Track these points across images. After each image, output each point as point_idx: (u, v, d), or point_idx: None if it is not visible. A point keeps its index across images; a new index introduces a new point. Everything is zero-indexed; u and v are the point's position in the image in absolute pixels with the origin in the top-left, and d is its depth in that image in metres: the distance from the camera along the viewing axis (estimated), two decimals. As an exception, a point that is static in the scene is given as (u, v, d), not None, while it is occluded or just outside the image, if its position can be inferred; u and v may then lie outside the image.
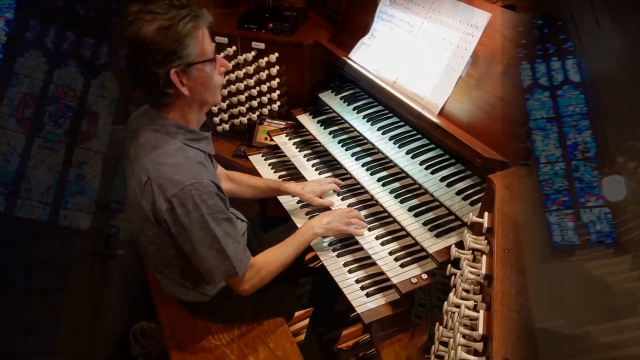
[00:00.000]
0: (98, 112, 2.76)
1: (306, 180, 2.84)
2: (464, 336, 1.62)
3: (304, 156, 3.03)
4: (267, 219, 3.11)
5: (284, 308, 2.53)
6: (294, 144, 3.15)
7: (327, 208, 2.66)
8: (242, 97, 3.38)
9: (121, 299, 2.96)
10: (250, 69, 3.26)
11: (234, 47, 3.25)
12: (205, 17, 1.93)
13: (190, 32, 1.86)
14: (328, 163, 2.95)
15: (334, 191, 2.73)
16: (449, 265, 1.91)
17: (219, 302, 2.34)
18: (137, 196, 1.99)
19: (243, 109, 3.41)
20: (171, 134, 2.00)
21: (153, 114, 2.03)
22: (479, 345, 1.56)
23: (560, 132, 2.00)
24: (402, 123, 2.78)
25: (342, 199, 2.69)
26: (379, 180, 2.61)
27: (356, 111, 2.93)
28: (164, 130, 2.00)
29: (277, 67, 3.23)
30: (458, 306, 1.70)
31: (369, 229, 2.49)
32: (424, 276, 2.22)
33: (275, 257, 2.30)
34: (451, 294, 1.77)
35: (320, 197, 2.68)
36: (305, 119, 3.17)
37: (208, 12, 1.95)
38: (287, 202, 2.83)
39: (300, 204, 2.80)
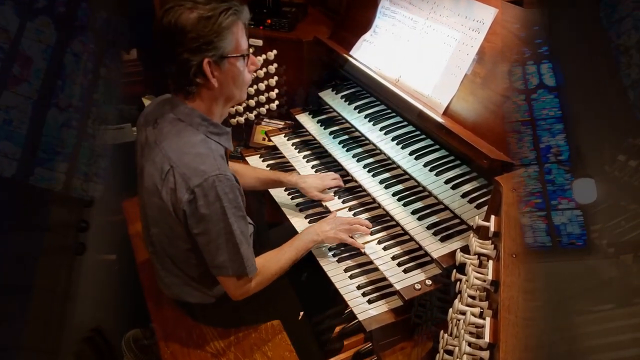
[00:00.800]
0: (32, 57, 2.72)
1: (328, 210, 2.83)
2: (469, 344, 1.61)
3: (304, 157, 3.03)
4: (265, 224, 3.11)
5: (284, 306, 2.54)
6: (292, 144, 3.15)
7: (327, 212, 2.67)
8: (239, 96, 3.38)
9: (114, 300, 2.96)
10: (248, 66, 3.26)
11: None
12: (245, 13, 2.03)
13: (230, 25, 1.96)
14: (328, 164, 2.95)
15: (335, 192, 2.73)
16: (454, 270, 1.91)
17: (220, 304, 2.35)
18: (155, 185, 2.03)
19: (240, 108, 3.41)
20: (195, 124, 2.05)
21: (177, 102, 2.07)
22: (485, 354, 1.55)
23: (534, 135, 2.03)
24: (405, 123, 2.78)
25: (343, 202, 2.69)
26: (381, 182, 2.61)
27: (357, 110, 2.93)
28: (187, 120, 2.05)
29: (275, 65, 3.23)
30: (463, 313, 1.70)
31: (371, 234, 2.48)
32: (428, 282, 2.22)
33: (273, 262, 2.31)
34: (456, 301, 1.77)
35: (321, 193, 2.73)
36: (304, 119, 3.17)
37: (248, 10, 2.04)
38: (285, 203, 2.84)
39: (299, 207, 2.80)
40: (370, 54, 2.90)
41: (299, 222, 2.73)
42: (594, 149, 1.83)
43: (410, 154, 2.59)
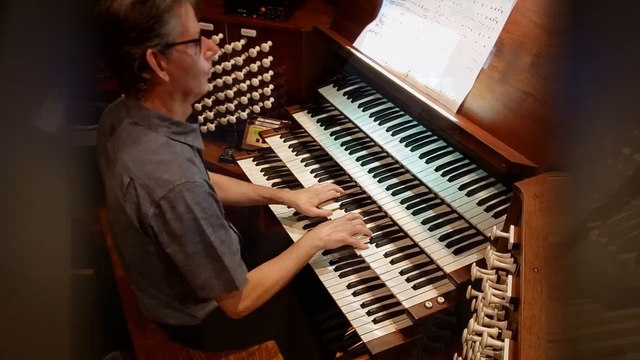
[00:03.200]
0: None
1: (303, 188, 2.86)
2: (486, 369, 1.62)
3: (302, 161, 3.04)
4: (260, 236, 3.11)
5: (279, 324, 2.53)
6: (290, 146, 3.15)
7: (325, 219, 2.68)
8: (230, 93, 3.39)
9: (89, 321, 2.96)
10: (240, 59, 3.27)
11: (221, 35, 3.27)
12: None
13: (171, 7, 1.85)
14: (329, 169, 2.96)
15: (336, 200, 2.74)
16: (469, 286, 1.91)
17: (207, 326, 2.34)
18: (118, 200, 1.99)
19: (231, 106, 3.41)
20: (154, 127, 2.00)
21: (131, 104, 2.02)
22: (504, 380, 1.55)
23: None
24: (415, 122, 2.79)
25: (345, 211, 2.70)
26: (388, 188, 2.61)
27: (362, 109, 2.94)
28: (145, 123, 2.00)
29: (270, 58, 3.24)
30: (480, 334, 1.70)
31: (377, 245, 2.49)
32: (441, 299, 2.22)
33: (273, 273, 2.30)
34: (472, 320, 1.77)
35: (318, 207, 2.71)
36: (303, 118, 3.18)
37: None
38: (281, 212, 2.85)
39: (296, 216, 2.81)
40: (376, 45, 2.91)
41: (295, 230, 2.76)
42: (597, 140, 1.83)
43: (421, 157, 2.59)
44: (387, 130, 2.77)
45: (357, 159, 2.80)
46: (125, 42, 1.83)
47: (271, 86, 3.31)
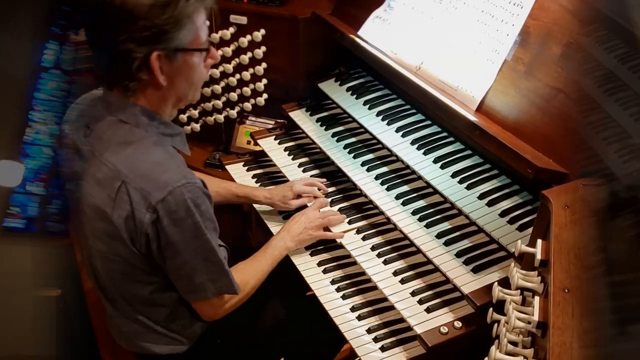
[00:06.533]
0: None
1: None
2: (510, 404, 1.61)
3: (299, 166, 3.04)
4: (250, 249, 3.12)
5: (272, 349, 2.61)
6: (285, 149, 3.16)
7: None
8: (218, 88, 3.39)
9: (55, 349, 2.96)
10: (228, 50, 3.28)
11: (207, 22, 3.26)
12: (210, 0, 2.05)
13: (192, 13, 1.95)
14: (330, 175, 2.96)
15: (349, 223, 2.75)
16: (491, 309, 1.91)
17: (196, 352, 2.37)
18: (101, 208, 2.00)
19: (218, 103, 3.42)
20: (142, 125, 2.03)
21: (114, 100, 2.04)
22: (531, 416, 1.55)
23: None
24: (428, 122, 2.80)
25: (349, 222, 2.70)
26: (397, 197, 2.62)
27: (368, 106, 2.95)
28: (132, 120, 2.02)
29: (263, 48, 3.25)
30: (503, 364, 1.70)
31: (385, 262, 2.49)
32: (458, 324, 2.22)
33: (251, 276, 2.40)
34: (493, 348, 1.77)
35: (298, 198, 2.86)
36: (300, 117, 3.19)
37: None
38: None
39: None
40: (383, 34, 2.91)
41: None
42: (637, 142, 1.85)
43: (435, 161, 2.60)
44: (397, 130, 2.78)
45: (363, 164, 2.81)
46: (130, 39, 1.87)
47: (264, 80, 3.32)
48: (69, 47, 3.20)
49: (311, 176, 2.96)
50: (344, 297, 2.50)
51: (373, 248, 2.56)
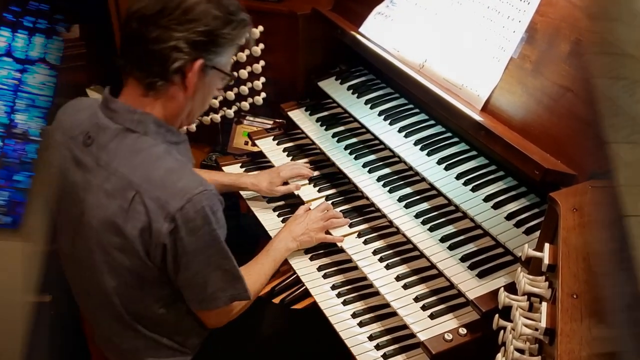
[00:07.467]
0: None
1: (302, 201, 2.89)
2: (517, 414, 1.61)
3: (298, 167, 3.04)
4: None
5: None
6: (284, 150, 3.16)
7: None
8: (214, 87, 3.39)
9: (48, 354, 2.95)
10: (225, 47, 3.27)
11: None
12: (250, 39, 2.22)
13: (236, 41, 2.09)
14: (330, 176, 2.97)
15: (350, 226, 2.75)
16: (496, 315, 1.91)
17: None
18: (112, 221, 1.98)
19: (215, 102, 3.42)
20: (150, 133, 2.03)
21: (119, 107, 2.03)
22: None
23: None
24: (431, 122, 2.80)
25: (350, 226, 2.70)
26: (400, 199, 2.62)
27: (369, 105, 2.95)
28: (140, 128, 2.02)
29: (261, 46, 3.25)
30: (509, 372, 1.70)
31: (387, 267, 2.49)
32: (462, 331, 2.22)
33: (254, 280, 2.40)
34: (499, 356, 1.77)
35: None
36: (299, 116, 3.19)
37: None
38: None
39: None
40: (386, 31, 2.91)
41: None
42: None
43: (439, 162, 2.60)
44: (399, 131, 2.78)
45: (364, 165, 2.81)
46: (185, 39, 1.95)
47: (262, 79, 3.32)
48: (56, 41, 3.19)
49: (311, 177, 2.97)
50: (344, 303, 2.50)
51: (375, 252, 2.57)
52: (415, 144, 2.69)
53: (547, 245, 1.86)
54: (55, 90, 2.60)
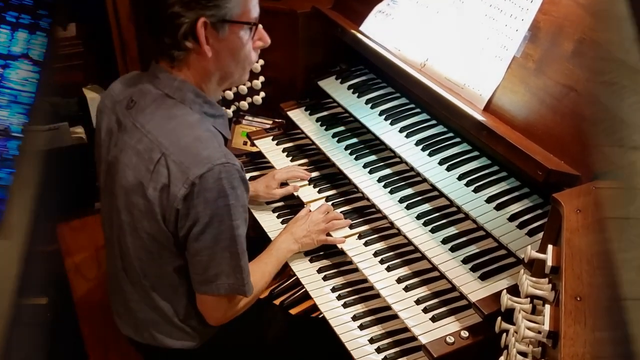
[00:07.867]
0: None
1: (302, 202, 2.89)
2: (520, 418, 1.61)
3: (298, 167, 3.04)
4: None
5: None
6: (283, 150, 3.16)
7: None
8: (213, 86, 3.39)
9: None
10: (224, 46, 3.27)
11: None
12: None
13: None
14: (331, 177, 2.97)
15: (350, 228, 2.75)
16: (499, 318, 1.91)
17: (206, 351, 2.41)
18: (138, 180, 2.05)
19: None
20: (187, 102, 2.10)
21: (161, 73, 2.11)
22: None
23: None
24: (433, 122, 2.80)
25: (350, 227, 2.70)
26: (401, 200, 2.62)
27: (370, 105, 2.95)
28: (178, 96, 2.09)
29: (260, 45, 3.24)
30: (512, 376, 1.70)
31: (388, 269, 2.49)
32: (464, 334, 2.21)
33: (257, 279, 2.40)
34: (502, 359, 1.76)
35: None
36: (299, 116, 3.19)
37: None
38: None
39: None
40: (387, 29, 2.91)
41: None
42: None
43: (440, 162, 2.60)
44: (400, 131, 2.78)
45: (365, 166, 2.81)
46: (178, 2, 1.95)
47: (261, 78, 3.32)
48: (40, 37, 3.20)
49: (310, 178, 2.96)
50: (345, 306, 2.50)
51: (376, 254, 2.57)
52: (417, 144, 2.69)
53: (550, 247, 1.86)
54: (38, 86, 2.60)
